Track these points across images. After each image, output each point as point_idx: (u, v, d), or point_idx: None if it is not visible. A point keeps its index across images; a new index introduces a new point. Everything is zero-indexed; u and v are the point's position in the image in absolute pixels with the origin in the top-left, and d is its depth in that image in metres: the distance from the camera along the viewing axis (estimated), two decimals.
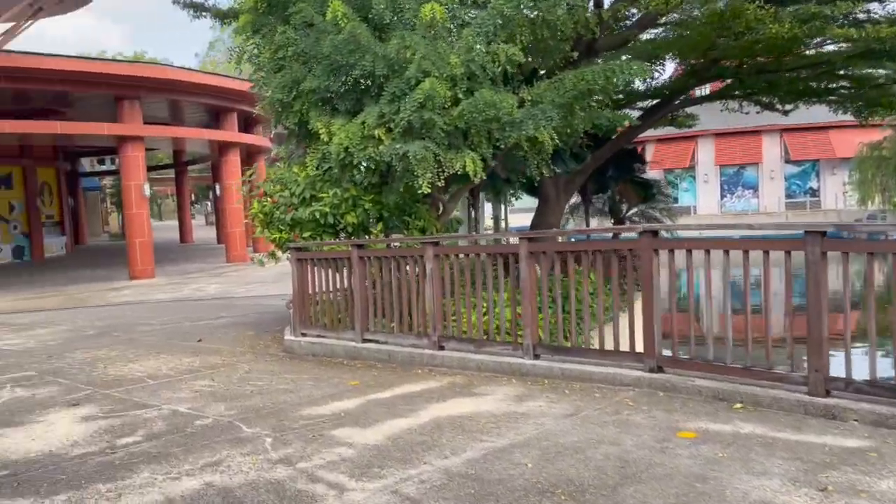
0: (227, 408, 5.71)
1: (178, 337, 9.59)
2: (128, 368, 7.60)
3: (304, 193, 8.11)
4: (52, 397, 6.45)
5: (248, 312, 11.95)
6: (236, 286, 16.74)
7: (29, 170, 24.40)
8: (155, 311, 12.68)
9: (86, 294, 16.45)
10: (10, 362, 8.32)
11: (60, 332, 10.70)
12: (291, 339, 7.92)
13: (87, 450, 4.83)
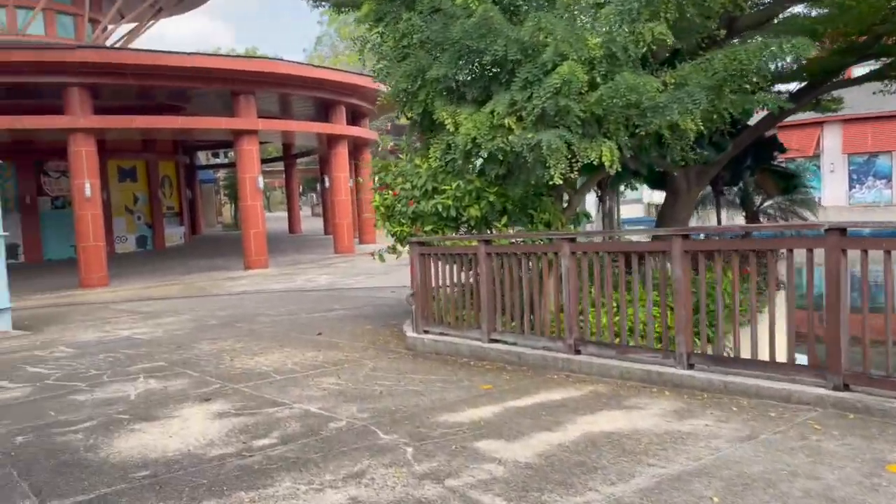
0: (358, 409, 5.45)
1: (297, 329, 9.54)
2: (253, 362, 7.54)
3: (426, 186, 7.79)
4: (183, 391, 6.43)
5: (361, 305, 11.84)
6: (345, 277, 16.80)
7: (151, 163, 25.57)
8: (271, 302, 12.82)
9: (205, 283, 16.96)
10: (140, 352, 8.48)
11: (185, 321, 10.93)
12: (414, 336, 7.63)
13: (225, 451, 4.67)
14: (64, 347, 9.10)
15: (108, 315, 12.17)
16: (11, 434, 5.35)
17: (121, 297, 14.90)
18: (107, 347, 8.90)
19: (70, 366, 7.87)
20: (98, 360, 8.07)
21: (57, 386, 6.91)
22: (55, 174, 23.52)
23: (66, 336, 10.06)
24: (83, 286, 16.52)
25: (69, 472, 4.44)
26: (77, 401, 6.27)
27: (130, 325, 10.83)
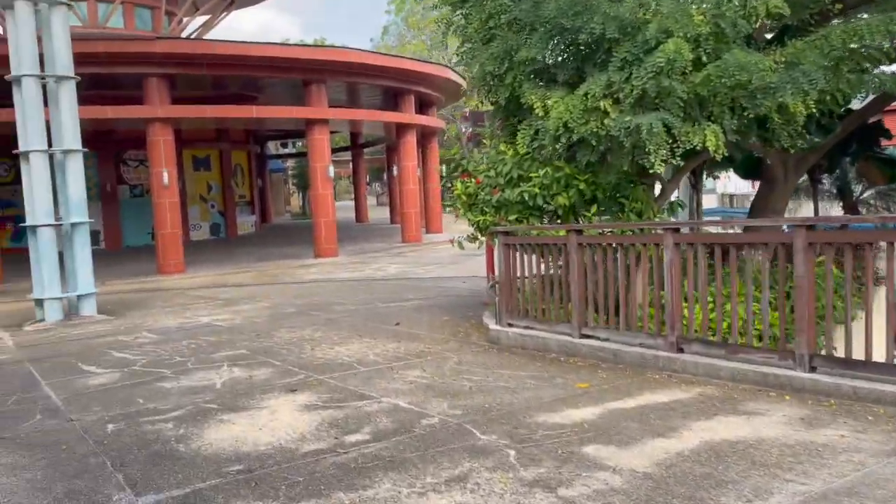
0: (449, 406, 5.19)
1: (374, 319, 9.38)
2: (334, 352, 7.39)
3: (512, 173, 7.46)
4: (268, 380, 6.31)
5: (435, 295, 11.61)
6: (415, 267, 16.63)
7: (225, 153, 26.01)
8: (344, 291, 12.73)
9: (276, 270, 17.08)
10: (222, 339, 8.46)
11: (262, 308, 10.93)
12: (497, 328, 7.33)
13: (317, 446, 4.48)
14: (147, 333, 9.18)
15: (186, 301, 12.32)
16: (103, 421, 5.31)
17: (197, 284, 15.12)
18: (188, 334, 8.93)
19: (154, 352, 7.90)
20: (181, 347, 8.08)
21: (143, 372, 6.91)
22: (133, 163, 24.17)
23: (148, 321, 10.19)
24: (161, 272, 16.86)
25: (162, 464, 4.33)
26: (164, 388, 6.23)
27: (209, 311, 10.90)
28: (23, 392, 6.39)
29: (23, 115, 10.32)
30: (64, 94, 10.60)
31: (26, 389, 6.49)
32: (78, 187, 10.77)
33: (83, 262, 10.83)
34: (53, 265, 10.51)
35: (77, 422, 5.34)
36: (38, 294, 10.62)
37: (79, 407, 5.77)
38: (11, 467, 4.42)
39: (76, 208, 10.73)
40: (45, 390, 6.43)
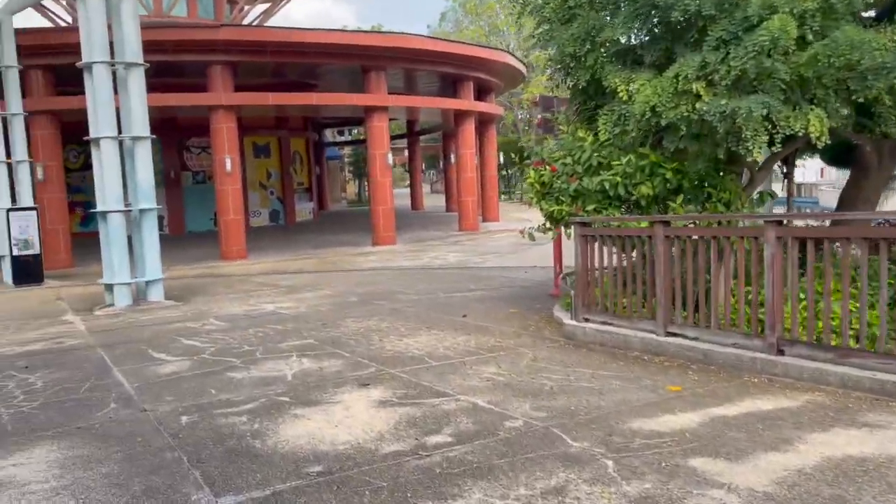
0: (532, 407, 4.89)
1: (439, 309, 9.13)
2: (403, 344, 7.16)
3: (591, 161, 7.07)
4: (339, 373, 6.12)
5: (498, 286, 11.30)
6: (473, 256, 16.34)
7: (284, 140, 26.14)
8: (405, 279, 12.53)
9: (336, 258, 17.03)
10: (288, 328, 8.34)
11: (325, 296, 10.81)
12: (573, 323, 6.98)
13: (397, 447, 4.24)
14: (214, 320, 9.14)
15: (249, 287, 12.32)
16: (177, 413, 5.19)
17: (259, 270, 15.16)
18: (255, 322, 8.84)
19: (223, 339, 7.82)
20: (248, 335, 7.98)
21: (213, 361, 6.81)
22: (196, 150, 24.50)
23: (213, 308, 10.17)
24: (223, 258, 17.00)
25: (239, 462, 4.16)
26: (235, 379, 6.10)
27: (273, 298, 10.84)
28: (96, 379, 6.36)
29: (94, 102, 10.39)
30: (133, 81, 10.63)
31: (99, 376, 6.46)
32: (146, 174, 10.81)
33: (151, 247, 10.89)
34: (123, 251, 10.60)
35: (151, 412, 5.24)
36: (108, 279, 10.73)
37: (151, 396, 5.68)
38: (87, 460, 4.32)
39: (145, 194, 10.79)
40: (118, 377, 6.39)
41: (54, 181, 16.66)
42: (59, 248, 16.68)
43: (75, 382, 6.27)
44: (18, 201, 14.77)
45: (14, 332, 9.13)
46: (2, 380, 6.52)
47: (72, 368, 6.84)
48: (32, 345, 8.14)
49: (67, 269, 16.36)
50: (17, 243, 14.20)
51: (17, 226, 14.23)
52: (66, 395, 5.88)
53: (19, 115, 14.63)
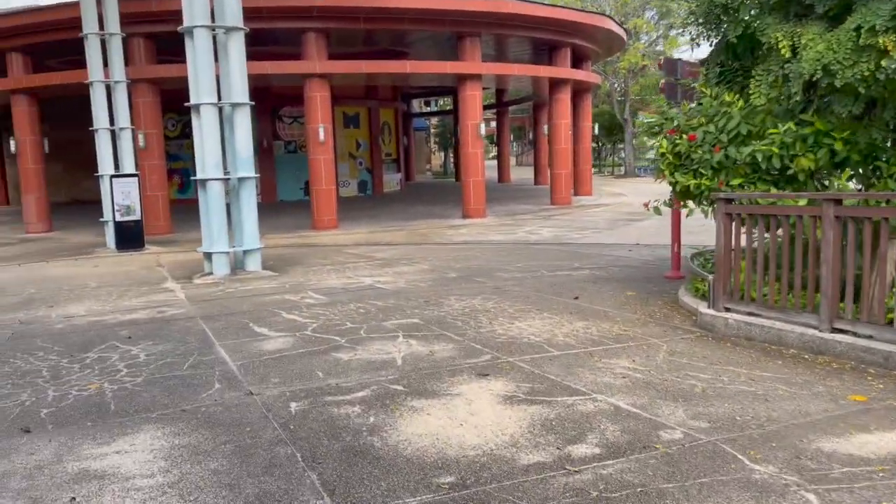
0: (687, 414, 4.16)
1: (546, 290, 8.43)
2: (516, 328, 6.53)
3: (739, 129, 6.14)
4: (452, 359, 5.55)
5: (604, 264, 10.48)
6: (569, 231, 15.50)
7: (373, 110, 25.80)
8: (502, 255, 11.88)
9: (426, 230, 16.55)
10: (390, 304, 7.85)
11: (422, 271, 10.30)
12: (710, 313, 6.15)
13: (537, 458, 3.62)
14: (312, 293, 8.78)
15: (344, 259, 11.97)
16: (285, 398, 4.76)
17: (351, 241, 14.86)
18: (354, 296, 8.42)
19: (324, 315, 7.41)
20: (350, 311, 7.54)
21: (316, 339, 6.39)
22: (288, 119, 24.49)
23: (311, 280, 9.83)
24: (315, 228, 16.82)
25: (359, 464, 3.64)
26: (342, 360, 5.63)
27: (370, 271, 10.42)
28: (199, 354, 6.04)
29: (194, 67, 10.13)
30: (233, 46, 10.30)
31: (202, 351, 6.14)
32: (246, 141, 10.52)
33: (249, 216, 10.64)
34: (222, 219, 10.39)
35: (258, 396, 4.82)
36: (207, 247, 10.57)
37: (256, 377, 5.28)
38: (194, 451, 3.91)
39: (243, 162, 10.51)
40: (220, 353, 6.05)
41: (154, 149, 16.83)
42: (159, 214, 16.91)
43: (178, 357, 5.97)
44: (120, 168, 14.95)
45: (117, 298, 9.06)
46: (106, 350, 6.31)
47: (174, 341, 6.57)
48: (135, 313, 7.98)
49: (166, 236, 16.58)
50: (119, 209, 14.38)
51: (120, 192, 14.40)
52: (170, 370, 5.57)
53: (122, 82, 14.73)
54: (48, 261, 13.37)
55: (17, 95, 17.68)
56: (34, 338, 6.98)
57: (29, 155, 17.89)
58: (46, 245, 15.96)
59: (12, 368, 5.85)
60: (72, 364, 5.91)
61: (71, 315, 8.03)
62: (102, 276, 11.09)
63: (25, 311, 8.41)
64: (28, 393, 5.14)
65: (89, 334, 7.00)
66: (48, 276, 11.27)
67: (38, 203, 18.14)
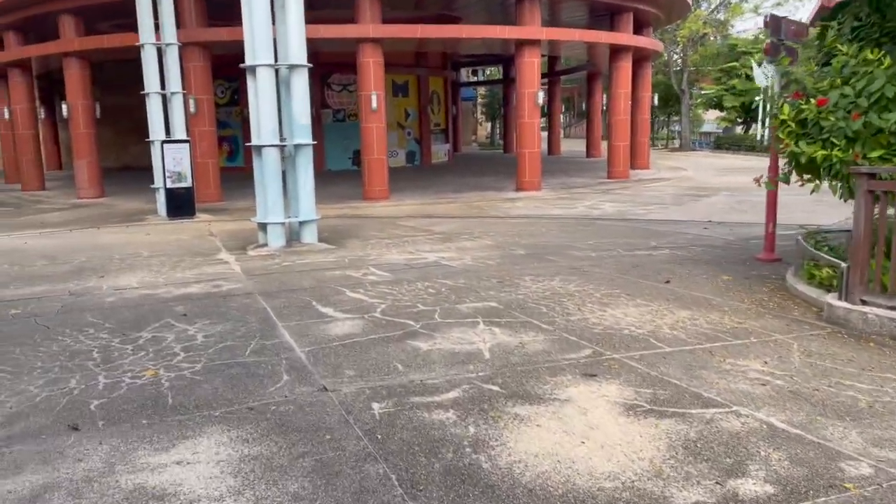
0: (866, 438, 3.33)
1: (630, 271, 7.58)
2: (610, 316, 5.73)
3: (884, 91, 5.16)
4: (547, 353, 4.78)
5: (682, 243, 9.56)
6: (633, 206, 14.51)
7: (422, 79, 24.86)
8: (568, 231, 11.02)
9: (481, 202, 15.73)
10: (460, 284, 7.11)
11: (487, 247, 9.52)
12: (844, 306, 5.25)
13: (696, 497, 2.84)
14: (375, 269, 8.08)
15: (401, 232, 11.26)
16: (364, 396, 4.06)
17: (403, 213, 14.14)
18: (420, 274, 7.69)
19: (391, 294, 6.70)
20: (419, 291, 6.82)
21: (388, 323, 5.68)
22: (337, 87, 23.73)
23: (371, 254, 9.14)
24: (365, 198, 16.14)
25: (469, 494, 2.92)
26: (421, 350, 4.91)
27: (430, 246, 9.68)
28: (261, 337, 5.39)
29: (250, 25, 9.40)
30: (291, 3, 9.52)
31: (264, 334, 5.49)
32: (303, 106, 9.80)
33: (306, 186, 9.97)
34: (277, 189, 9.73)
35: (333, 393, 4.13)
36: (261, 217, 9.95)
37: (328, 368, 4.60)
38: (267, 465, 3.24)
39: (301, 129, 9.80)
40: (285, 336, 5.39)
41: (205, 114, 16.27)
42: (209, 181, 16.41)
43: (239, 339, 5.33)
44: (171, 134, 14.42)
45: (170, 268, 8.50)
46: (160, 329, 5.71)
47: (233, 320, 5.94)
48: (189, 287, 7.40)
49: (216, 203, 16.09)
50: (170, 176, 13.88)
51: (171, 158, 13.87)
52: (231, 356, 4.92)
53: (174, 44, 14.11)
54: (99, 227, 12.97)
55: (69, 59, 17.26)
56: (84, 312, 6.44)
57: (81, 119, 17.52)
58: (97, 211, 15.62)
59: (61, 347, 5.29)
60: (124, 344, 5.32)
61: (122, 287, 7.48)
62: (154, 244, 10.58)
63: (76, 281, 7.91)
64: (77, 379, 4.55)
65: (142, 309, 6.43)
66: (99, 243, 10.82)
67: (90, 168, 17.82)
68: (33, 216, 15.05)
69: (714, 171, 22.23)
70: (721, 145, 31.05)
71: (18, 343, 5.44)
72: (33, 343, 5.43)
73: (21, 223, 13.88)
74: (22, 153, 20.31)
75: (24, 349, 5.27)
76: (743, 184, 18.45)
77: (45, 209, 16.32)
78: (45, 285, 7.73)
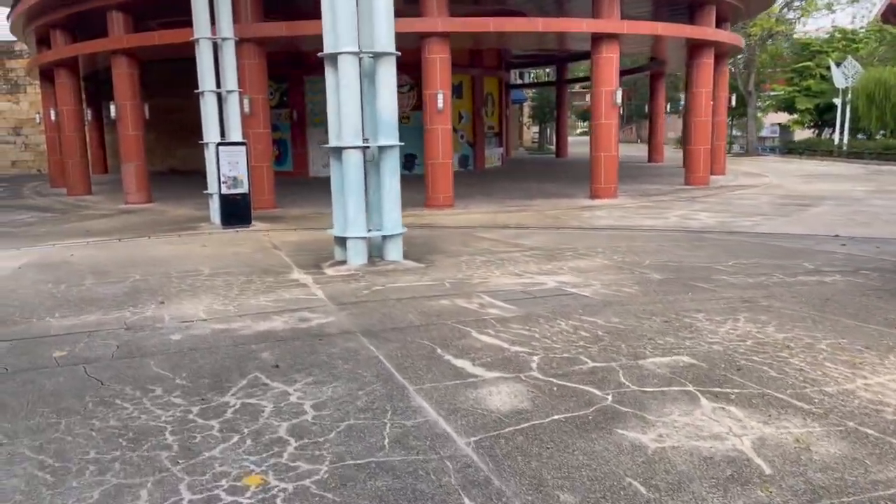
0: None
1: (823, 306, 5.81)
2: (878, 386, 3.97)
3: None
4: (853, 462, 3.06)
5: (839, 263, 7.78)
6: (732, 217, 12.67)
7: (477, 79, 23.19)
8: (683, 247, 9.25)
9: (555, 211, 14.00)
10: (614, 324, 5.40)
11: (607, 268, 7.80)
12: None
13: None
14: (489, 298, 6.41)
15: (487, 246, 9.59)
16: None
17: (475, 222, 12.48)
18: (552, 307, 6.00)
19: (534, 338, 5.02)
20: (567, 334, 5.13)
21: (561, 391, 3.99)
22: None
23: (471, 277, 7.48)
24: (428, 206, 14.51)
25: None
26: (647, 449, 3.21)
27: (537, 266, 7.99)
28: (394, 413, 3.74)
29: (332, 5, 7.80)
30: None
31: (395, 405, 3.85)
32: (390, 101, 8.18)
33: (391, 194, 8.34)
34: (360, 197, 8.13)
35: None
36: (339, 231, 8.35)
37: (525, 482, 2.93)
38: None
39: (386, 127, 8.18)
40: (427, 410, 3.74)
41: (260, 115, 14.76)
42: (264, 187, 14.87)
43: (364, 416, 3.70)
44: (226, 135, 12.94)
45: (240, 291, 6.95)
46: (250, 391, 4.11)
47: (344, 378, 4.31)
48: (270, 320, 5.81)
49: (270, 211, 14.57)
50: (226, 181, 12.36)
51: (227, 162, 12.36)
52: (365, 450, 3.28)
53: (230, 39, 12.64)
54: (150, 236, 11.52)
55: (117, 57, 15.91)
56: (146, 356, 4.88)
57: (129, 121, 16.16)
58: (146, 218, 14.20)
59: (121, 421, 3.72)
60: (206, 418, 3.73)
61: (188, 318, 5.93)
62: (214, 259, 9.05)
63: (132, 307, 6.39)
64: (149, 489, 2.95)
65: (219, 354, 4.85)
66: (152, 256, 9.32)
67: (138, 172, 16.44)
68: (79, 223, 13.68)
69: (798, 177, 20.20)
70: (793, 150, 28.49)
71: (63, 410, 3.90)
72: (83, 412, 3.88)
73: (67, 231, 12.50)
74: (68, 156, 19.05)
75: (71, 422, 3.71)
76: (842, 191, 16.49)
77: (91, 215, 14.97)
78: (96, 313, 6.22)
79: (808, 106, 27.85)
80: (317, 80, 23.49)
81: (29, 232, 12.57)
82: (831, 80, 26.22)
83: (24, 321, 6.01)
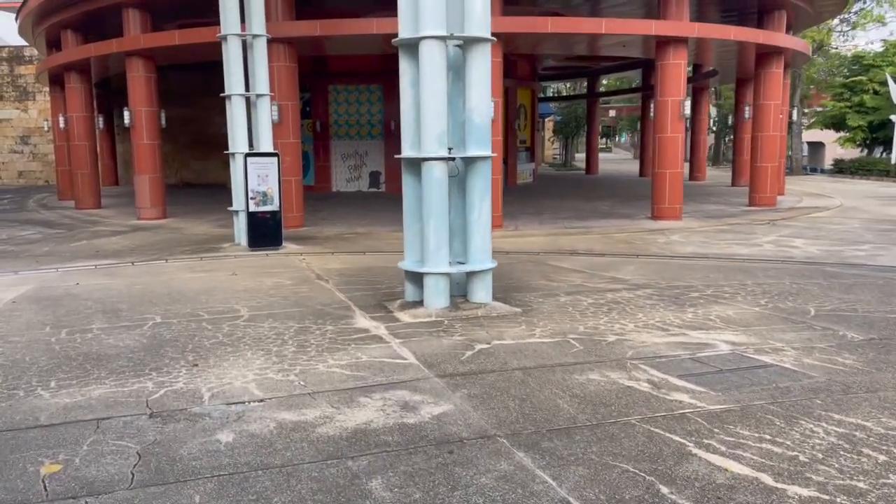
0: None
1: None
2: None
3: None
4: None
5: None
6: (832, 244, 10.76)
7: (510, 90, 21.33)
8: (822, 286, 7.35)
9: (622, 234, 12.09)
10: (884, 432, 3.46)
11: (767, 318, 5.88)
12: None
13: None
14: (653, 370, 4.48)
15: (579, 281, 7.70)
16: None
17: (536, 247, 10.62)
18: (760, 390, 4.07)
19: (801, 462, 3.09)
20: (829, 451, 3.20)
21: None
22: None
23: (596, 328, 5.55)
24: None
25: None
26: None
27: (672, 315, 6.06)
28: None
29: None
30: None
31: None
32: (483, 100, 6.28)
33: (481, 219, 6.42)
34: (443, 223, 6.21)
35: None
36: (414, 264, 6.42)
37: None
38: None
39: (477, 132, 6.27)
40: None
41: (290, 124, 12.88)
42: (292, 204, 12.92)
43: None
44: (255, 146, 11.07)
45: (298, 348, 5.04)
46: None
47: None
48: (359, 406, 3.88)
49: (299, 230, 12.64)
50: (254, 197, 10.46)
51: (256, 175, 10.47)
52: None
53: (262, 36, 10.77)
54: (167, 259, 9.62)
55: (132, 59, 14.04)
56: (185, 483, 2.98)
57: (144, 129, 14.27)
58: (162, 236, 12.27)
59: None
60: None
61: (236, 397, 4.02)
62: (250, 294, 7.13)
63: (155, 372, 4.49)
64: None
65: (300, 478, 2.92)
66: (175, 288, 7.40)
67: (153, 185, 14.51)
68: (88, 241, 11.76)
69: (869, 199, 18.29)
70: (843, 169, 26.13)
71: None
72: None
73: (73, 251, 10.59)
74: (77, 167, 17.11)
75: None
76: None
77: (101, 232, 13.03)
78: (107, 381, 4.35)
79: (861, 123, 25.90)
80: (341, 88, 21.77)
81: (30, 251, 10.66)
82: (886, 96, 24.35)
83: (5, 393, 4.10)
